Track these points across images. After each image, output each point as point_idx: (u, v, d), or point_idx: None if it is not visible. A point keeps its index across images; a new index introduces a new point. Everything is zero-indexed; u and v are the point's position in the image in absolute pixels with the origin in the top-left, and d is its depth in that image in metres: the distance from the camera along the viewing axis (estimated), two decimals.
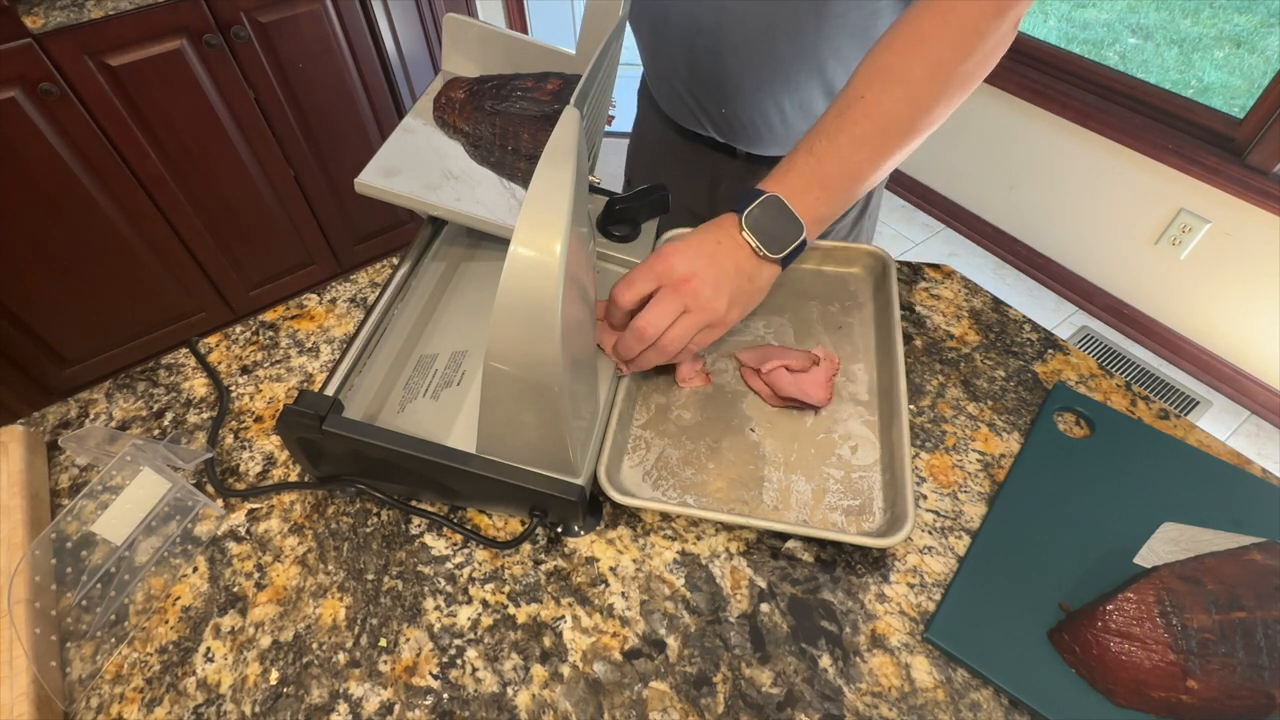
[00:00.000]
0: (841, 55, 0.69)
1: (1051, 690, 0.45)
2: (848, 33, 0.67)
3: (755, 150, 0.81)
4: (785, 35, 0.67)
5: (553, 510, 0.51)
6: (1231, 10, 2.75)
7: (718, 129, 0.81)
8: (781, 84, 0.72)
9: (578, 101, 0.44)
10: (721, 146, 0.83)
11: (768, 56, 0.70)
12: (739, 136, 0.80)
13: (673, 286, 0.52)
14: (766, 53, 0.69)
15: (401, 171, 0.59)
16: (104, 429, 0.62)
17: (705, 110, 0.79)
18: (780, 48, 0.69)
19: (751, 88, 0.73)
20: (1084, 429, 0.60)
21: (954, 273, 0.75)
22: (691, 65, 0.75)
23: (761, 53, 0.70)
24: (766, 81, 0.72)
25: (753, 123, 0.77)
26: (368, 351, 0.56)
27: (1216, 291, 1.71)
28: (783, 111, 0.75)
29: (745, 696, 0.46)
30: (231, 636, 0.49)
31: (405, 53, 1.78)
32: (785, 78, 0.71)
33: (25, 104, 1.23)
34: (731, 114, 0.77)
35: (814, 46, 0.68)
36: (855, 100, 0.52)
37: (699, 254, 0.53)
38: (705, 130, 0.82)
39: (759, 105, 0.75)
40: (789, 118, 0.76)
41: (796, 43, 0.68)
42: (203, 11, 1.34)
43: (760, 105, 0.75)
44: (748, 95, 0.74)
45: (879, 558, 0.52)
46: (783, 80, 0.72)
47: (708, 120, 0.81)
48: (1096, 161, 1.81)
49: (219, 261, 1.66)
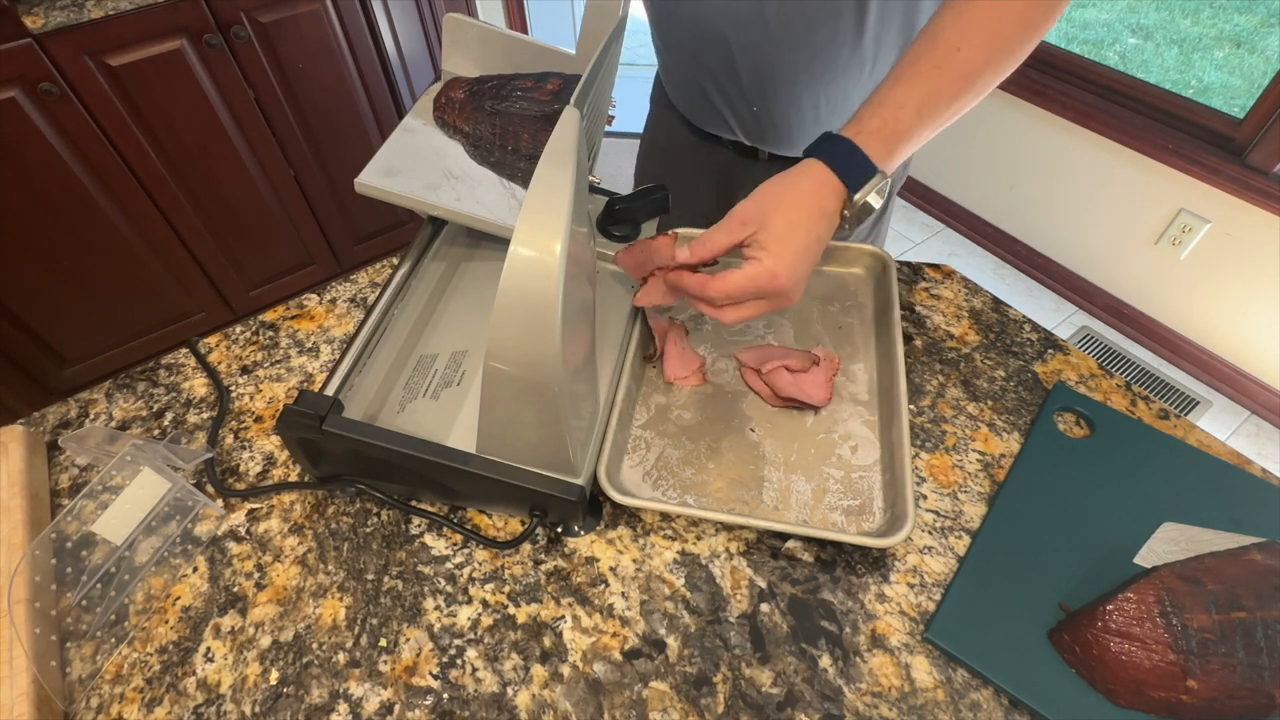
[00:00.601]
0: (883, 40, 0.68)
1: (1051, 690, 0.45)
2: (890, 17, 0.66)
3: (781, 151, 0.80)
4: (826, 24, 0.66)
5: (553, 510, 0.51)
6: (1231, 10, 2.75)
7: (745, 130, 0.79)
8: (821, 75, 0.70)
9: (578, 101, 0.44)
10: (743, 150, 0.82)
11: (806, 47, 0.68)
12: (767, 136, 0.78)
13: (772, 300, 0.51)
14: (805, 43, 0.68)
15: (401, 171, 0.59)
16: (104, 429, 0.62)
17: (734, 110, 0.77)
18: (820, 36, 0.67)
19: (788, 81, 0.71)
20: (1084, 429, 0.60)
21: (954, 273, 0.75)
22: (725, 62, 0.73)
23: (800, 44, 0.68)
24: (805, 73, 0.70)
25: (785, 120, 0.75)
26: (368, 351, 0.56)
27: (1216, 291, 1.71)
28: (817, 106, 0.73)
29: (745, 696, 0.46)
30: (231, 636, 0.49)
31: (405, 53, 1.78)
32: (824, 68, 0.69)
33: (25, 104, 1.23)
34: (763, 111, 0.75)
35: (856, 34, 0.66)
36: (951, 52, 0.50)
37: (806, 266, 0.50)
38: (730, 133, 0.80)
39: (795, 100, 0.73)
40: (822, 113, 0.74)
41: (837, 31, 0.66)
42: (203, 11, 1.34)
43: (796, 99, 0.73)
44: (784, 90, 0.72)
45: (879, 558, 0.52)
46: (822, 70, 0.70)
47: (735, 121, 0.79)
48: (1096, 161, 1.81)
49: (219, 261, 1.66)
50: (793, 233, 0.50)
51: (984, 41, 0.50)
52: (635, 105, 3.00)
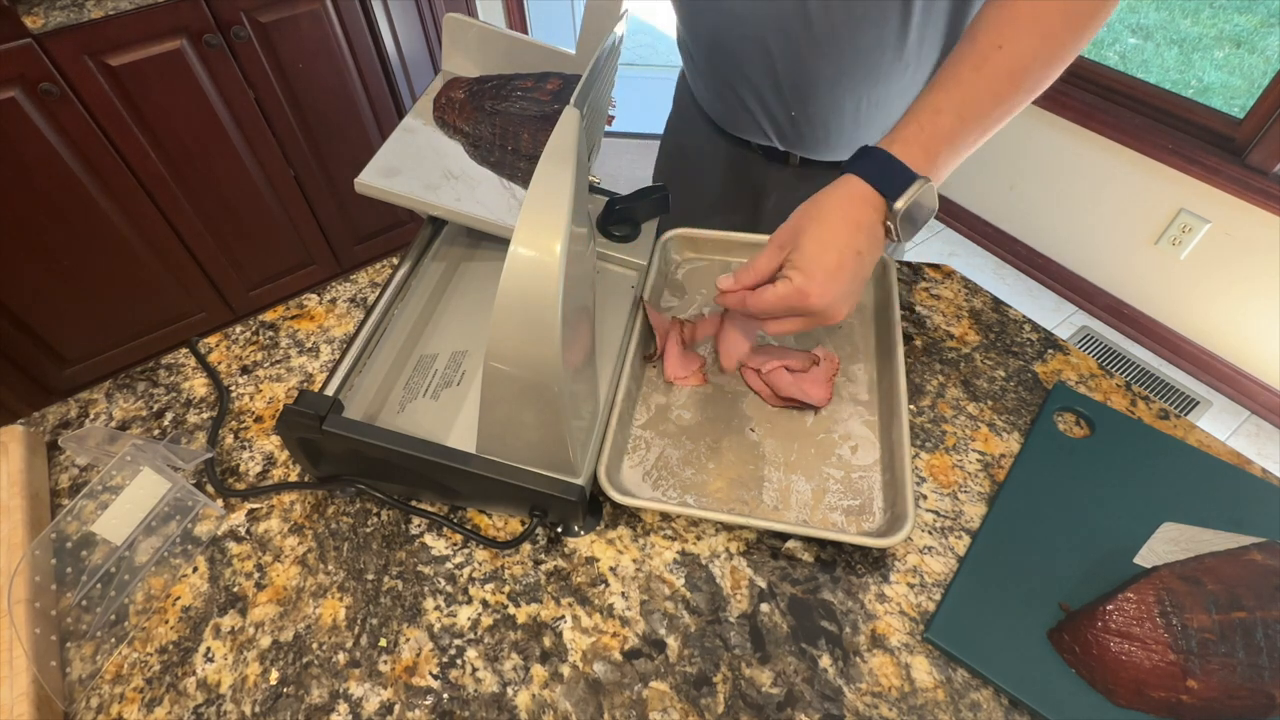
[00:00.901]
0: (925, 40, 0.66)
1: (1051, 690, 0.45)
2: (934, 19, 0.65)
3: (815, 155, 0.78)
4: (871, 27, 0.64)
5: (553, 510, 0.51)
6: (1231, 10, 2.75)
7: (780, 135, 0.78)
8: (863, 78, 0.69)
9: (578, 101, 0.44)
10: (773, 154, 0.81)
11: (849, 51, 0.67)
12: (804, 142, 0.77)
13: (813, 318, 0.50)
14: (848, 47, 0.66)
15: (401, 171, 0.59)
16: (104, 429, 0.62)
17: (770, 114, 0.76)
18: (863, 40, 0.66)
19: (829, 85, 0.70)
20: (1084, 429, 0.60)
21: (954, 273, 0.75)
22: (763, 67, 0.71)
23: (843, 47, 0.67)
24: (848, 76, 0.69)
25: (824, 124, 0.74)
26: (368, 351, 0.56)
27: (1216, 291, 1.71)
28: (858, 110, 0.72)
29: (745, 696, 0.46)
30: (231, 636, 0.49)
31: (405, 53, 1.78)
32: (866, 71, 0.68)
33: (25, 104, 1.23)
34: (801, 116, 0.74)
35: (900, 35, 0.65)
36: (992, 51, 0.48)
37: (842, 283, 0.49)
38: (764, 138, 0.79)
39: (835, 103, 0.72)
40: (862, 116, 0.73)
41: (882, 34, 0.65)
42: (203, 11, 1.34)
43: (836, 103, 0.72)
44: (824, 94, 0.71)
45: (879, 558, 0.52)
46: (864, 74, 0.69)
47: (770, 125, 0.77)
48: (1096, 161, 1.81)
49: (219, 261, 1.66)
50: (824, 251, 0.49)
51: (1027, 38, 0.49)
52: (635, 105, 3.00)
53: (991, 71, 0.49)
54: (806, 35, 0.66)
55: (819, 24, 0.65)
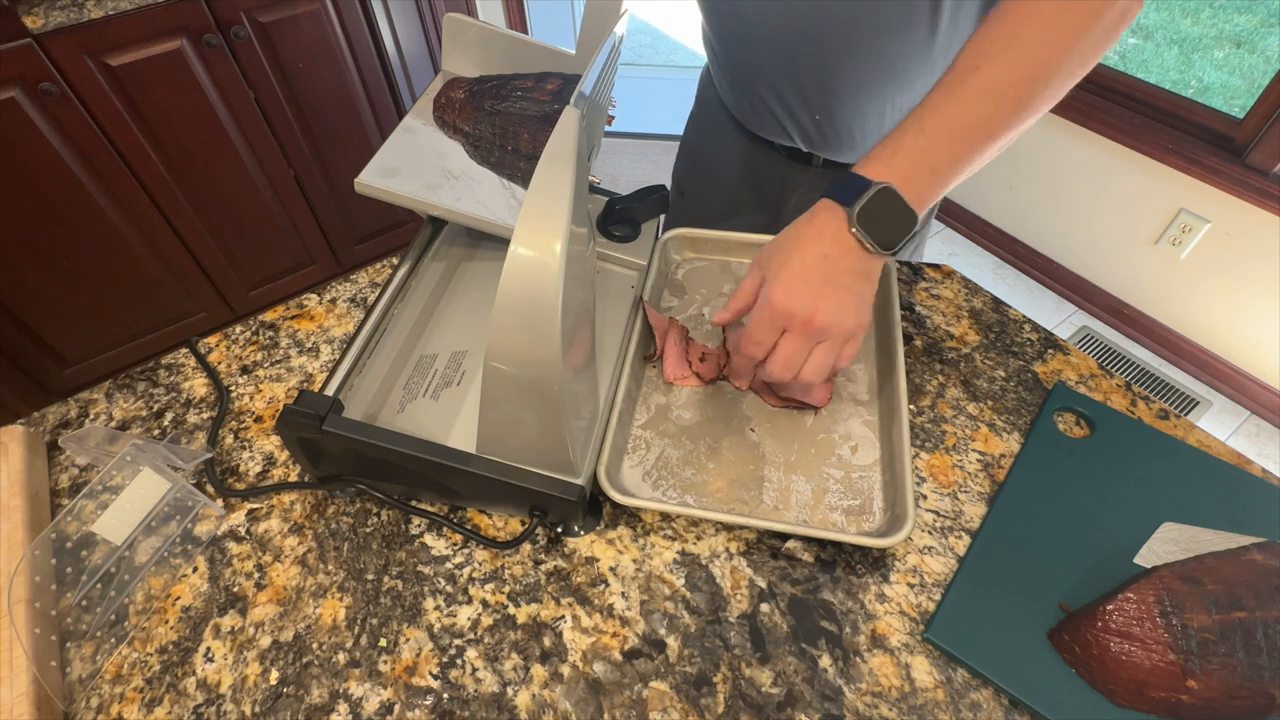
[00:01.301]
0: (952, 47, 0.65)
1: (1051, 690, 0.45)
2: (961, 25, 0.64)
3: (839, 158, 0.79)
4: (897, 34, 0.64)
5: (553, 510, 0.51)
6: (1231, 10, 2.75)
7: (805, 137, 0.78)
8: (889, 83, 0.69)
9: (578, 101, 0.44)
10: (797, 155, 0.81)
11: (876, 57, 0.67)
12: (828, 145, 0.77)
13: (798, 331, 0.50)
14: (875, 54, 0.66)
15: (401, 171, 0.59)
16: (104, 429, 0.62)
17: (795, 117, 0.76)
18: (890, 47, 0.65)
19: (854, 91, 0.70)
20: (1084, 429, 0.60)
21: (954, 273, 0.75)
22: (789, 71, 0.71)
23: (869, 54, 0.66)
24: (874, 83, 0.69)
25: (848, 129, 0.74)
26: (368, 351, 0.56)
27: (1216, 291, 1.71)
28: (883, 114, 0.72)
29: (745, 696, 0.46)
30: (231, 636, 0.49)
31: (405, 53, 1.78)
32: (893, 77, 0.68)
33: (25, 104, 1.23)
34: (825, 120, 0.74)
35: (927, 41, 0.65)
36: (969, 72, 0.48)
37: (809, 284, 0.49)
38: (788, 140, 0.79)
39: (859, 109, 0.72)
40: (887, 120, 0.73)
41: (908, 41, 0.65)
42: (203, 11, 1.34)
43: (861, 109, 0.72)
44: (849, 99, 0.71)
45: (879, 558, 0.52)
46: (890, 79, 0.68)
47: (795, 128, 0.77)
48: (1096, 161, 1.81)
49: (219, 261, 1.66)
50: (789, 259, 0.50)
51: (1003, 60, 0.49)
52: (635, 105, 3.00)
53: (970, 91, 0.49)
54: (833, 42, 0.66)
55: (845, 31, 0.65)
